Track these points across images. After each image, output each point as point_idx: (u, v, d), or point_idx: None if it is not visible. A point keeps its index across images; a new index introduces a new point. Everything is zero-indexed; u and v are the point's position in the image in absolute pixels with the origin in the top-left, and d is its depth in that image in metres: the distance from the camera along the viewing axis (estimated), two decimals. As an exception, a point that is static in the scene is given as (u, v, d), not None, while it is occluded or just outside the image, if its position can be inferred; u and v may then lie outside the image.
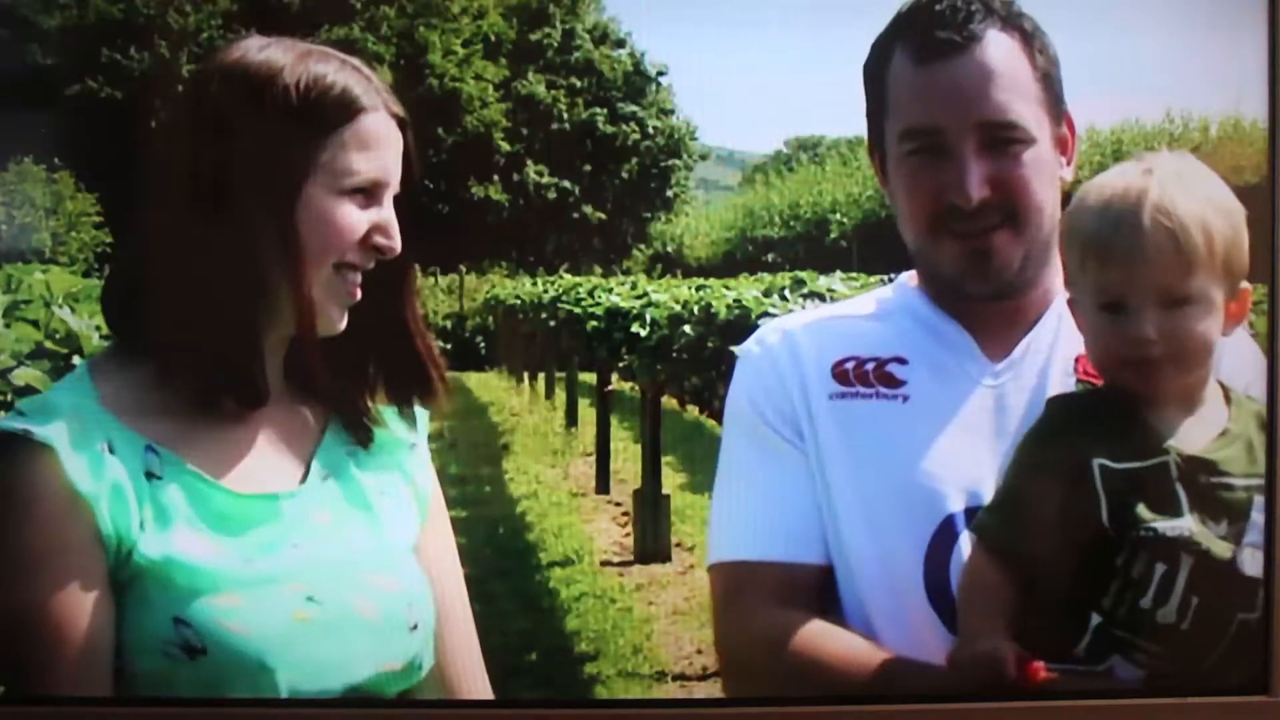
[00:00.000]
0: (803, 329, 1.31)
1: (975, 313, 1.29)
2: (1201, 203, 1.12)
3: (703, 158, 3.77)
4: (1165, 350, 1.12)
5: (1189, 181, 1.14)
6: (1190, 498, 1.11)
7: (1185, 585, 1.10)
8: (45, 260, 2.87)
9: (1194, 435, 1.13)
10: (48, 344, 1.92)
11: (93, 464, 0.98)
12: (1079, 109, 1.35)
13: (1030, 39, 1.24)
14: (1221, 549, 1.12)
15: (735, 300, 3.33)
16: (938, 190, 1.22)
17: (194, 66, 2.95)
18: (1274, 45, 1.17)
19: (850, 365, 1.27)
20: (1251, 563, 1.13)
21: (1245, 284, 1.14)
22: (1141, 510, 1.12)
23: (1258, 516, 1.14)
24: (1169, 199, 1.13)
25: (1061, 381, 1.20)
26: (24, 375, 1.82)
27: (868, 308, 1.33)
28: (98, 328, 2.00)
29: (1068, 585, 1.14)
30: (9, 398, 1.69)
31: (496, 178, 3.33)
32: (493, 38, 3.31)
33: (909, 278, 1.37)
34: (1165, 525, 1.11)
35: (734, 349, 1.33)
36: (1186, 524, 1.11)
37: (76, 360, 1.81)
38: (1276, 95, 1.18)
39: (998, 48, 1.23)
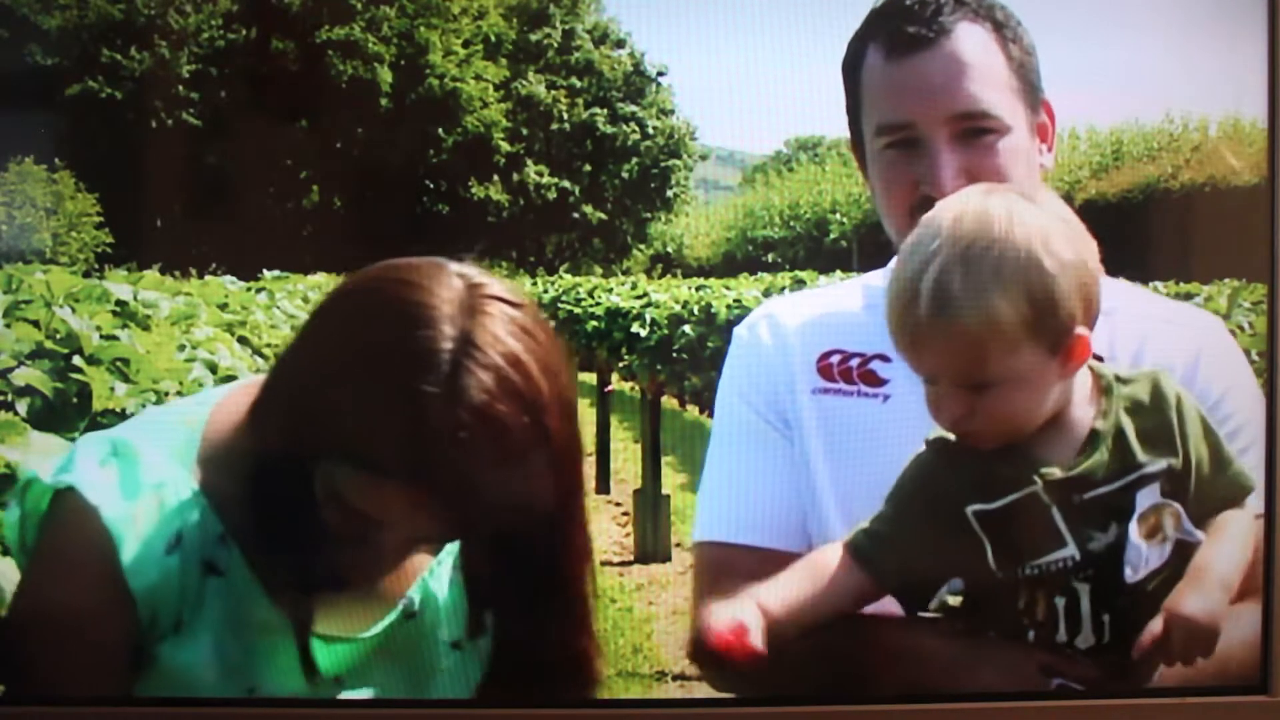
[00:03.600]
0: (791, 316, 1.31)
1: None
2: (989, 283, 1.04)
3: (703, 158, 3.77)
4: (983, 423, 1.09)
5: (977, 258, 1.04)
6: (1068, 520, 1.08)
7: (1091, 609, 1.07)
8: (45, 260, 2.87)
9: (1061, 449, 1.09)
10: (48, 344, 1.91)
11: (150, 564, 0.96)
12: (1078, 109, 1.33)
13: (1002, 28, 1.24)
14: (1113, 563, 1.09)
15: (735, 300, 3.33)
16: (912, 182, 1.23)
17: (195, 66, 2.94)
18: (1274, 45, 1.17)
19: (835, 359, 1.28)
20: (1154, 557, 1.10)
21: (1081, 330, 1.08)
22: (1023, 549, 1.09)
23: (1142, 496, 1.09)
24: (944, 296, 1.05)
25: None
26: (24, 375, 1.82)
27: (855, 297, 1.33)
28: (98, 328, 2.00)
29: (988, 625, 1.12)
30: (9, 397, 1.69)
31: (496, 178, 3.33)
32: (493, 38, 3.31)
33: None
34: (1048, 560, 1.08)
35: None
36: (1069, 552, 1.08)
37: (77, 360, 1.81)
38: (1276, 95, 1.18)
39: (968, 39, 1.23)
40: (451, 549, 1.10)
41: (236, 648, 0.99)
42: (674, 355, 3.74)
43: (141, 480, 0.97)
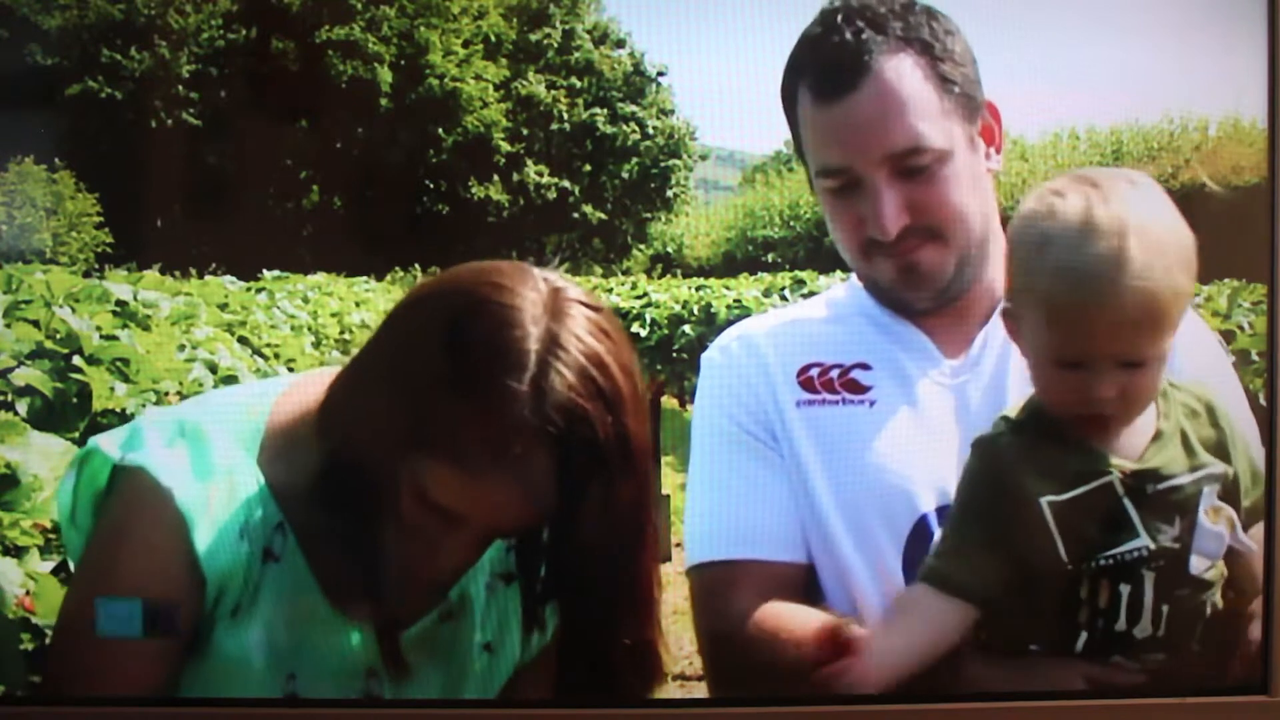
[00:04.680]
0: (763, 335, 1.31)
1: (926, 314, 1.29)
2: (1172, 255, 1.09)
3: (703, 158, 3.76)
4: (1121, 405, 1.11)
5: (1154, 232, 1.09)
6: (1140, 511, 1.10)
7: (1153, 598, 1.09)
8: (45, 260, 2.87)
9: (1129, 445, 1.12)
10: (48, 344, 1.92)
11: (221, 547, 0.98)
12: (1078, 109, 1.33)
13: (930, 49, 1.22)
14: (1179, 554, 1.11)
15: (735, 300, 3.33)
16: (858, 222, 1.23)
17: (195, 66, 2.94)
18: (1273, 45, 1.17)
19: (815, 372, 1.28)
20: (1212, 547, 1.12)
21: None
22: (1097, 540, 1.10)
23: (1206, 495, 1.12)
24: (1146, 267, 1.09)
25: (1021, 374, 1.20)
26: (24, 375, 1.82)
27: (822, 311, 1.34)
28: (98, 328, 2.00)
29: (1043, 618, 1.13)
30: (9, 397, 1.69)
31: (496, 178, 3.33)
32: (493, 38, 3.31)
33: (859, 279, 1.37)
34: (1122, 550, 1.10)
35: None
36: (1142, 542, 1.10)
37: (77, 360, 1.81)
38: (1276, 95, 1.18)
39: (894, 72, 1.22)
40: (490, 553, 1.11)
41: (284, 634, 1.01)
42: (674, 355, 3.74)
43: (214, 464, 0.99)
